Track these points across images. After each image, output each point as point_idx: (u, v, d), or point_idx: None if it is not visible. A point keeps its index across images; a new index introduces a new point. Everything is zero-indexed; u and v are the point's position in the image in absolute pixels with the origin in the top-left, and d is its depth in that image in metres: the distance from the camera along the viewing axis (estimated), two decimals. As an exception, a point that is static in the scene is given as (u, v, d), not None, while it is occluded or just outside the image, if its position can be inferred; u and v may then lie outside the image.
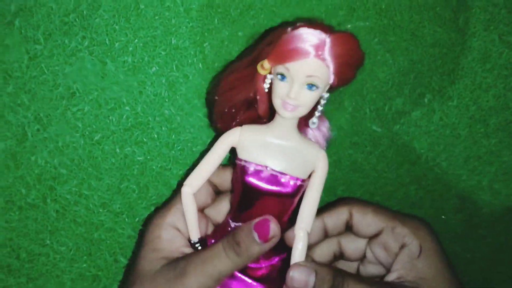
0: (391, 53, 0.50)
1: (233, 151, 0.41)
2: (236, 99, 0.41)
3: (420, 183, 0.53)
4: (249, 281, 0.41)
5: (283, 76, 0.36)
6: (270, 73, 0.38)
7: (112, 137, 0.48)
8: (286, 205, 0.40)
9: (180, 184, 0.42)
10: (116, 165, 0.48)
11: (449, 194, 0.54)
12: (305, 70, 0.35)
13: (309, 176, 0.40)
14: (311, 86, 0.36)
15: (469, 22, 0.50)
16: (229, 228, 0.42)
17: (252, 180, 0.38)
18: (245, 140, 0.39)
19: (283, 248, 0.41)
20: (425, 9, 0.50)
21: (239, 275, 0.41)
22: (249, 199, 0.39)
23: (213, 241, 0.43)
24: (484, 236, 0.55)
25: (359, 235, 0.43)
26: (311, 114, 0.39)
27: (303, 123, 0.41)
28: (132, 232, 0.50)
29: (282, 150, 0.38)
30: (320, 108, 0.39)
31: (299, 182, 0.38)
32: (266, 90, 0.39)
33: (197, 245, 0.42)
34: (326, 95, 0.38)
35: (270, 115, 0.41)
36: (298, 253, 0.38)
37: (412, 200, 0.53)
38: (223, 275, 0.38)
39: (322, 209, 0.44)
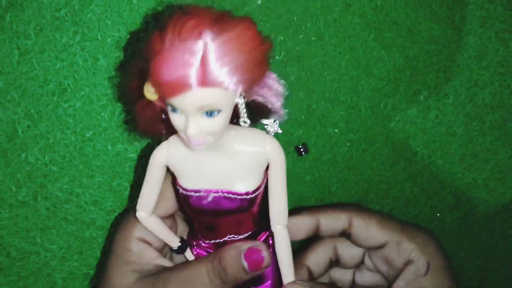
0: (387, 49, 0.50)
1: None
2: (145, 117, 0.34)
3: (415, 180, 0.53)
4: None
5: (173, 108, 0.29)
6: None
7: (103, 134, 0.48)
8: (245, 216, 0.36)
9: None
10: (108, 163, 0.48)
11: (445, 192, 0.54)
12: (193, 104, 0.28)
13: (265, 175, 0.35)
14: (210, 113, 0.28)
15: (465, 19, 0.50)
16: (202, 243, 0.39)
17: (199, 206, 0.34)
18: (175, 159, 0.33)
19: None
20: (421, 5, 0.50)
21: None
22: (205, 220, 0.36)
23: (194, 243, 0.41)
24: (479, 234, 0.55)
25: (357, 245, 0.40)
26: (237, 116, 0.32)
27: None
28: (124, 230, 0.50)
29: (220, 164, 0.33)
30: (243, 111, 0.32)
31: (248, 196, 0.33)
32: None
33: (180, 249, 0.40)
34: (241, 100, 0.31)
35: None
36: (285, 258, 0.35)
37: (407, 198, 0.53)
38: None
39: (319, 209, 0.41)
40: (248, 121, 0.32)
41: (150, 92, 0.29)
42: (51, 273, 0.49)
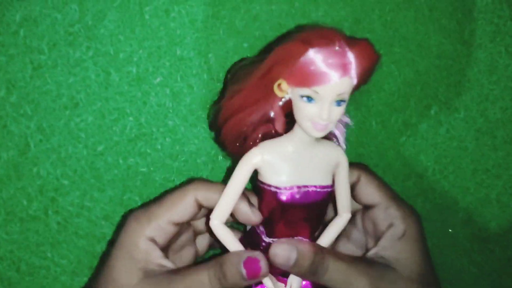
0: (397, 64, 0.50)
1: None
2: (249, 120, 0.39)
3: (427, 196, 0.53)
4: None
5: (309, 98, 0.36)
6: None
7: (115, 148, 0.48)
8: (317, 212, 0.41)
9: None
10: (119, 177, 0.48)
11: (457, 207, 0.53)
12: (336, 90, 0.35)
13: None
14: (340, 102, 0.36)
15: (474, 34, 0.51)
16: (263, 244, 0.41)
17: (286, 201, 0.38)
18: (269, 161, 0.38)
19: None
20: (430, 20, 0.50)
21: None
22: (280, 214, 0.40)
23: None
24: (492, 250, 0.54)
25: (357, 200, 0.45)
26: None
27: None
28: (134, 245, 0.50)
29: (306, 163, 0.39)
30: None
31: (328, 189, 0.40)
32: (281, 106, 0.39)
33: None
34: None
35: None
36: (328, 237, 0.42)
37: (419, 213, 0.53)
38: None
39: None
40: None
41: (281, 89, 0.37)
42: (61, 288, 0.49)
